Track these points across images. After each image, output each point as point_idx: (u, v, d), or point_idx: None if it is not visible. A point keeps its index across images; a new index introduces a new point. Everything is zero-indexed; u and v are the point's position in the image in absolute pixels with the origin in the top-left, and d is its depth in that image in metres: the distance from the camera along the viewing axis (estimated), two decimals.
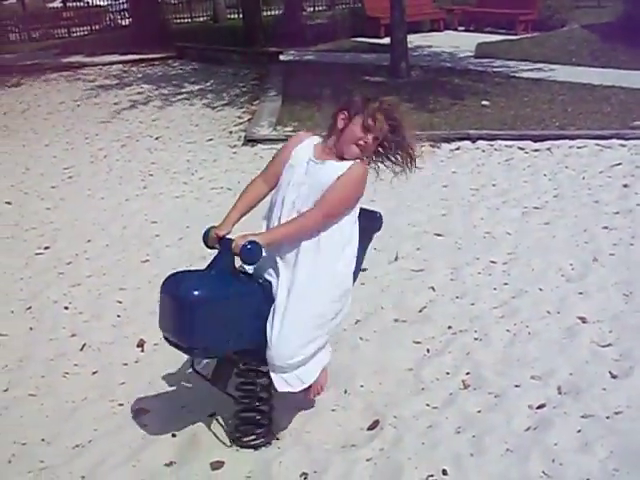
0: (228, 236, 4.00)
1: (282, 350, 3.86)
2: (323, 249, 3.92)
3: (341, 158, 3.97)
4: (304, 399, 4.35)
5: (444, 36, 22.35)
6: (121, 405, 4.69)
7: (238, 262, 3.91)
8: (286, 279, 3.94)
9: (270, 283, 4.02)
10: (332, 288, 3.97)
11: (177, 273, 4.07)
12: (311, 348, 3.95)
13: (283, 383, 3.96)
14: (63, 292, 6.45)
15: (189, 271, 4.20)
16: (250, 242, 3.75)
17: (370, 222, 4.36)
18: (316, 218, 3.88)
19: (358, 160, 3.97)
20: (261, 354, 3.99)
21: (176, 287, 3.86)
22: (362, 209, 4.35)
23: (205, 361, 4.68)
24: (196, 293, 3.75)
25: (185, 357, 5.02)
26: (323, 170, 3.95)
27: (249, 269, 4.03)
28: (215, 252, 4.03)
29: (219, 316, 3.78)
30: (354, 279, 4.20)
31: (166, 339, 3.98)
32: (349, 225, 4.01)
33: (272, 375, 3.96)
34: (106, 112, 14.53)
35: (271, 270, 4.03)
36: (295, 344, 3.87)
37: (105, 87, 17.32)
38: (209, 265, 4.00)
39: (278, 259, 3.99)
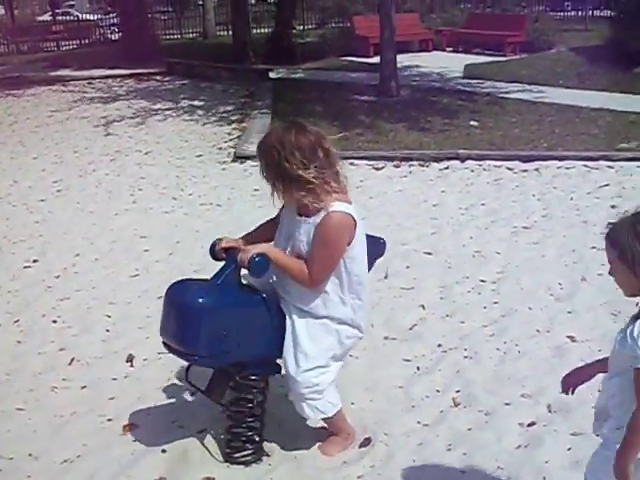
0: None
1: (303, 377, 3.92)
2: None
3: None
4: (323, 451, 4.27)
5: (432, 56, 22.54)
6: (110, 420, 4.65)
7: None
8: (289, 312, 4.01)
9: (275, 298, 4.06)
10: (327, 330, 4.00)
11: (182, 280, 4.11)
12: (329, 374, 4.01)
13: (313, 410, 4.04)
14: (52, 306, 6.42)
15: (194, 279, 4.20)
16: (258, 254, 3.78)
17: (374, 248, 4.43)
18: (310, 281, 3.86)
19: (332, 209, 3.78)
20: (260, 368, 4.04)
21: (181, 293, 3.90)
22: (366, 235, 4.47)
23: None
24: (201, 300, 3.79)
25: (174, 373, 5.03)
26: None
27: (254, 282, 4.06)
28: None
29: (223, 325, 3.79)
30: None
31: (166, 346, 3.97)
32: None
33: (302, 405, 4.02)
34: (95, 126, 14.52)
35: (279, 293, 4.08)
36: (312, 371, 3.93)
37: (94, 101, 17.37)
38: (215, 275, 3.99)
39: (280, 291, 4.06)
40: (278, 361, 4.12)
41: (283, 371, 4.06)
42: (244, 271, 3.91)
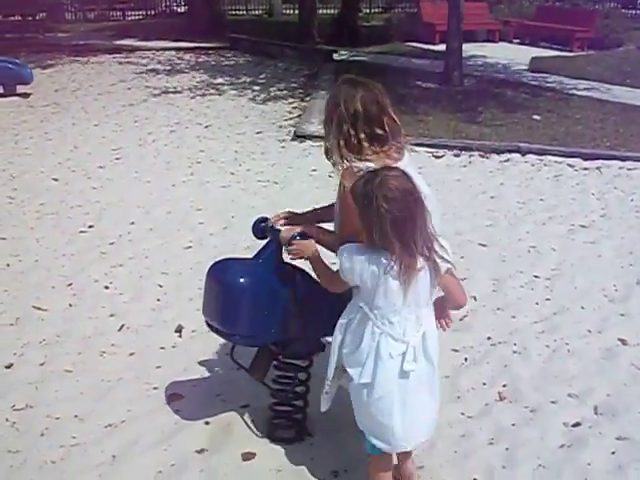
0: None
1: None
2: None
3: None
4: None
5: (499, 47, 22.29)
6: (156, 389, 4.71)
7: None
8: None
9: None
10: None
11: (224, 259, 4.08)
12: None
13: None
14: (104, 272, 6.49)
15: (236, 258, 4.19)
16: (299, 234, 3.75)
17: None
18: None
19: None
20: (302, 348, 4.02)
21: (223, 273, 3.89)
22: None
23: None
24: (242, 280, 3.77)
25: (221, 346, 5.05)
26: None
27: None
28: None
29: (263, 304, 3.78)
30: None
31: (208, 325, 3.98)
32: None
33: None
34: (157, 97, 14.64)
35: None
36: None
37: (157, 72, 17.51)
38: (257, 254, 3.98)
39: None
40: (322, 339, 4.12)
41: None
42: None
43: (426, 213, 3.20)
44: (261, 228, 4.01)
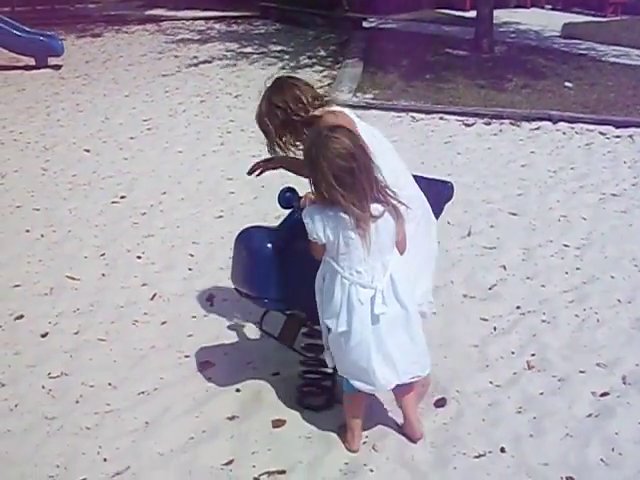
0: None
1: None
2: None
3: None
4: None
5: (530, 13, 22.02)
6: (187, 357, 4.76)
7: None
8: None
9: None
10: None
11: (251, 227, 4.16)
12: None
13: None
14: (137, 242, 6.56)
15: (263, 226, 4.26)
16: None
17: (441, 191, 4.41)
18: None
19: None
20: None
21: (250, 239, 4.00)
22: (432, 179, 4.42)
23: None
24: (270, 245, 3.89)
25: (252, 315, 5.09)
26: None
27: None
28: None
29: (291, 269, 3.87)
30: None
31: (237, 291, 4.07)
32: None
33: None
34: (187, 67, 14.65)
35: None
36: None
37: (187, 42, 17.48)
38: (282, 222, 4.08)
39: None
40: None
41: None
42: None
43: (371, 165, 3.40)
44: (286, 198, 4.02)
